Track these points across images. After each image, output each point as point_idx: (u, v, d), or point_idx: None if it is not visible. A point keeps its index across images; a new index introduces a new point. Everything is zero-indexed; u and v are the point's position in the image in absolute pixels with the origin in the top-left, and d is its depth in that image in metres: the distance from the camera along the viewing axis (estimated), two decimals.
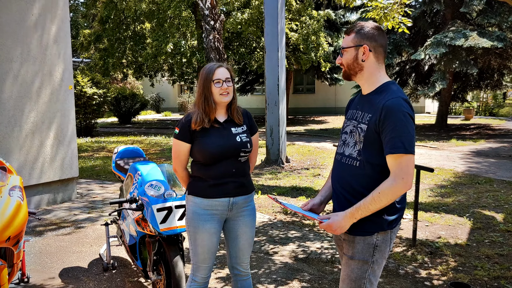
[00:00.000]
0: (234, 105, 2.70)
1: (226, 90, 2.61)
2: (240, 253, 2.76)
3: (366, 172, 2.09)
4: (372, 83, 2.18)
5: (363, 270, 2.14)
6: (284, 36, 9.69)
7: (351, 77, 2.22)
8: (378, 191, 2.01)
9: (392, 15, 6.03)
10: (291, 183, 7.98)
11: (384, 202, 2.01)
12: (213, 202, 2.62)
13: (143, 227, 3.27)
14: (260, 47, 19.55)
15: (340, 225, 2.07)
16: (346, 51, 2.17)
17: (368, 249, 2.13)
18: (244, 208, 2.72)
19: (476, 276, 3.93)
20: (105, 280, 3.97)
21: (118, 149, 4.40)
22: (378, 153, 2.07)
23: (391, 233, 2.16)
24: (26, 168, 6.14)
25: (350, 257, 2.16)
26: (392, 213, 2.12)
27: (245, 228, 2.73)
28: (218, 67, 2.64)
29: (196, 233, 2.64)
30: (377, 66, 2.17)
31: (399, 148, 1.97)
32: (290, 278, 3.97)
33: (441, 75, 15.52)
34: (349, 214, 2.06)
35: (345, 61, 2.19)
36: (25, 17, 6.08)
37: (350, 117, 2.26)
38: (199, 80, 2.66)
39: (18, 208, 2.85)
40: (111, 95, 19.21)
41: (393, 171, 2.01)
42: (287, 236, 5.11)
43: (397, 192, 2.00)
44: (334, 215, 2.10)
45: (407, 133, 1.98)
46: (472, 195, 6.88)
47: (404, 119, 1.99)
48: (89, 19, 27.22)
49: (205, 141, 2.59)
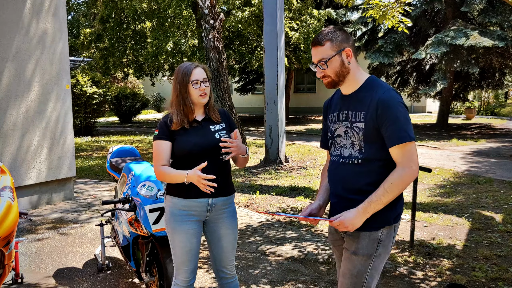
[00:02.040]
0: (210, 104, 2.69)
1: (205, 91, 2.59)
2: (224, 255, 2.71)
3: (369, 169, 2.11)
4: (354, 81, 2.19)
5: (365, 265, 2.13)
6: (283, 35, 9.65)
7: (339, 84, 2.20)
8: (390, 181, 2.04)
9: (392, 13, 5.99)
10: (290, 183, 7.95)
11: (395, 193, 2.05)
12: (191, 203, 2.58)
13: (136, 228, 3.24)
14: (260, 46, 19.50)
15: (353, 221, 2.06)
16: (330, 61, 2.14)
17: (373, 244, 2.13)
18: (224, 209, 2.67)
19: (474, 277, 3.89)
20: (99, 281, 3.94)
21: (113, 149, 4.37)
22: (380, 148, 2.10)
23: (395, 227, 2.18)
24: (22, 168, 6.11)
25: (353, 252, 2.15)
26: (398, 206, 2.16)
27: (226, 230, 2.68)
28: (195, 67, 2.61)
29: (174, 234, 2.60)
30: (357, 65, 2.20)
31: (404, 137, 2.04)
32: (286, 279, 3.94)
33: (442, 75, 15.46)
34: (362, 210, 2.06)
35: (331, 71, 2.16)
36: (21, 16, 6.05)
37: (337, 119, 2.25)
38: (175, 80, 2.62)
39: (9, 209, 2.82)
40: (111, 94, 19.19)
41: (400, 161, 2.05)
42: (284, 237, 5.07)
43: (408, 180, 2.05)
44: (346, 212, 2.09)
45: (406, 121, 2.06)
46: (471, 195, 6.84)
47: (402, 109, 2.06)
48: (89, 18, 27.18)
49: (184, 139, 2.57)
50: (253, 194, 7.11)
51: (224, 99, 11.17)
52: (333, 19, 20.91)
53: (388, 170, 2.08)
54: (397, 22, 6.06)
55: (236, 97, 25.28)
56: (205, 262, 4.36)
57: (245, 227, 5.40)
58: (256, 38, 19.50)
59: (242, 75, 24.65)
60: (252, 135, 16.48)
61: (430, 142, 13.66)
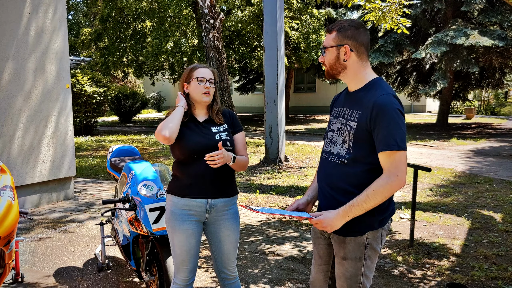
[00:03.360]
0: (215, 107, 2.68)
1: (209, 89, 2.59)
2: (225, 257, 2.70)
3: (355, 171, 2.06)
4: (358, 80, 2.16)
5: (357, 268, 2.13)
6: (283, 35, 9.65)
7: (335, 76, 2.19)
8: (372, 188, 1.98)
9: (391, 15, 5.99)
10: (290, 182, 7.95)
11: (378, 200, 1.99)
12: (190, 202, 2.57)
13: (136, 227, 3.25)
14: (261, 45, 19.50)
15: (332, 223, 2.03)
16: (328, 50, 2.14)
17: (360, 247, 2.11)
18: (225, 212, 2.65)
19: (473, 276, 3.90)
20: (99, 280, 3.94)
21: (113, 148, 4.38)
22: (369, 151, 2.04)
23: (381, 230, 2.14)
24: (22, 167, 6.12)
25: (343, 258, 2.14)
26: (383, 211, 2.10)
27: (227, 232, 2.67)
28: (204, 67, 2.65)
29: (173, 234, 2.60)
30: (361, 64, 2.14)
31: (393, 145, 1.96)
32: (286, 278, 3.94)
33: (442, 74, 15.47)
34: (342, 213, 2.02)
35: (327, 61, 2.16)
36: (21, 15, 6.05)
37: (337, 114, 2.23)
38: (182, 77, 2.67)
39: (9, 208, 2.82)
40: (111, 93, 19.18)
41: (387, 168, 1.99)
42: (284, 236, 5.08)
43: (392, 189, 1.99)
44: (327, 212, 2.06)
45: (399, 129, 1.98)
46: (471, 195, 6.85)
47: (396, 116, 1.99)
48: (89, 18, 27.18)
49: (184, 137, 2.56)
50: (253, 194, 7.11)
51: (224, 98, 11.18)
52: (333, 18, 20.91)
53: (375, 175, 2.03)
54: (396, 25, 6.06)
55: (236, 97, 25.31)
56: (205, 261, 4.37)
57: (245, 226, 5.40)
58: (256, 37, 19.50)
59: (242, 74, 24.65)
60: (252, 135, 16.48)
61: (430, 141, 13.67)
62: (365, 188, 2.01)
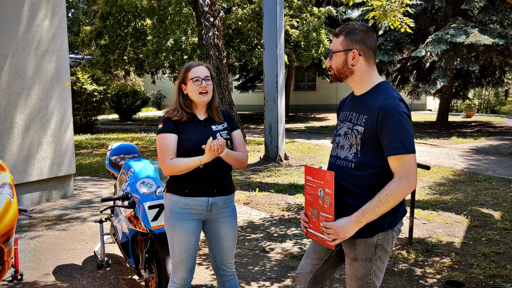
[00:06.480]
0: (214, 104, 2.68)
1: (206, 88, 2.58)
2: (225, 254, 2.72)
3: (363, 174, 2.07)
4: (364, 84, 2.15)
5: (368, 268, 2.13)
6: (283, 33, 9.64)
7: (341, 80, 2.19)
8: (385, 193, 1.98)
9: (393, 13, 5.98)
10: (289, 180, 7.96)
11: (391, 204, 1.99)
12: (191, 201, 2.58)
13: (135, 225, 3.25)
14: (261, 44, 19.47)
15: (345, 229, 2.02)
16: (335, 54, 2.13)
17: (370, 249, 2.12)
18: (224, 209, 2.67)
19: (472, 274, 3.91)
20: (98, 278, 3.95)
21: (112, 146, 4.38)
22: (376, 155, 2.05)
23: (392, 231, 2.15)
24: (22, 165, 6.12)
25: (353, 259, 2.15)
26: (393, 212, 2.10)
27: (227, 229, 2.69)
28: (198, 65, 2.62)
29: (173, 233, 2.60)
30: (368, 68, 2.14)
31: (400, 149, 1.97)
32: (285, 276, 3.95)
33: (442, 72, 15.46)
34: (355, 219, 2.02)
35: (334, 65, 2.15)
36: (21, 13, 6.05)
37: (344, 118, 2.23)
38: (179, 77, 2.66)
39: (8, 206, 2.83)
40: (111, 92, 19.19)
41: (397, 172, 2.00)
42: (286, 233, 5.09)
43: (404, 192, 2.00)
44: (339, 220, 2.04)
45: (406, 133, 1.98)
46: (470, 193, 6.85)
47: (402, 119, 2.00)
48: (90, 16, 27.16)
49: (185, 137, 2.56)
50: (253, 192, 7.12)
51: (224, 96, 11.18)
52: (334, 16, 20.89)
53: (384, 178, 2.04)
54: (399, 23, 6.05)
55: (236, 95, 25.27)
56: (204, 259, 4.38)
57: (245, 224, 5.41)
58: (257, 35, 19.47)
59: (242, 72, 24.63)
60: (252, 133, 16.49)
61: (430, 139, 13.67)
62: (374, 190, 2.02)
